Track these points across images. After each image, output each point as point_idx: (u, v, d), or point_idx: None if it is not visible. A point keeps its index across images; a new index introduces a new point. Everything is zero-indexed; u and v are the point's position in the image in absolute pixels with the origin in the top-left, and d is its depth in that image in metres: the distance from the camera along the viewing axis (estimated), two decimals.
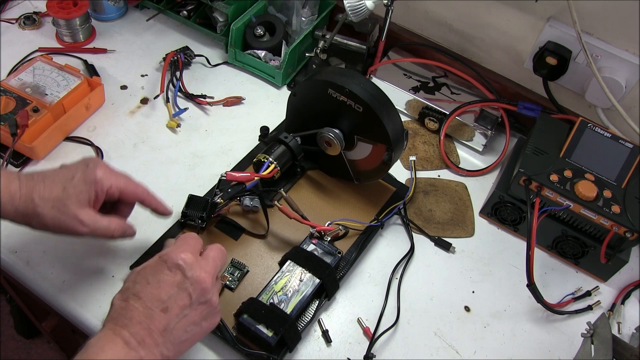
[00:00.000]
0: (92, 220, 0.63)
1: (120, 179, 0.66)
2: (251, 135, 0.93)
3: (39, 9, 1.08)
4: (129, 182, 0.67)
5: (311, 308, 0.72)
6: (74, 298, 0.72)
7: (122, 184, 0.66)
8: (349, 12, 0.88)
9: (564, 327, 0.78)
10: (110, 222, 0.65)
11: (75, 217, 0.62)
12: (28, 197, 0.61)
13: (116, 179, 0.65)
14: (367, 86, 0.74)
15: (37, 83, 0.89)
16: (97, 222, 0.63)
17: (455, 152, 0.97)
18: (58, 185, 0.62)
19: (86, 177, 0.63)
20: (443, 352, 0.74)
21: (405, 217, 0.85)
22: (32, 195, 0.61)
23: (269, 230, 0.79)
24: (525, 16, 0.93)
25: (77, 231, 0.63)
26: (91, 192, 0.63)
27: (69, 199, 0.61)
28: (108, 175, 0.64)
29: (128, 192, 0.67)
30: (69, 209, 0.61)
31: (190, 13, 1.07)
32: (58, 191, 0.61)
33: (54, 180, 0.62)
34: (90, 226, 0.63)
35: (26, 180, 0.62)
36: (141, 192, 0.68)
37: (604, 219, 0.76)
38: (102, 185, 0.63)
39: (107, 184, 0.64)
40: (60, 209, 0.61)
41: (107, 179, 0.64)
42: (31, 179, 0.62)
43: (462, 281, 0.81)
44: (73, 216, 0.62)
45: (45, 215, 0.61)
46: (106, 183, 0.64)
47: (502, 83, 1.01)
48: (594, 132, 0.82)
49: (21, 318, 1.52)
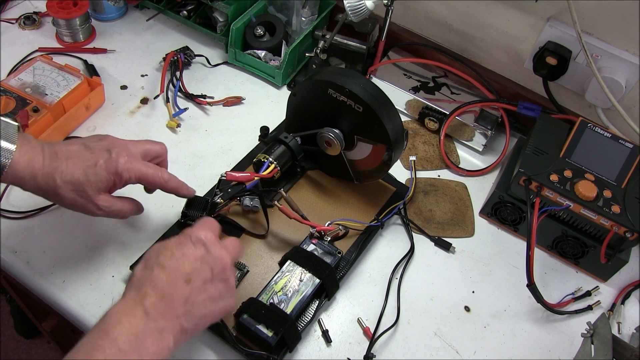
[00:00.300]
0: (107, 204, 0.66)
1: (140, 168, 0.67)
2: (251, 135, 0.93)
3: (39, 9, 1.08)
4: (147, 170, 0.68)
5: (311, 308, 0.72)
6: (74, 298, 0.72)
7: (141, 172, 0.67)
8: (349, 12, 0.88)
9: (564, 327, 0.78)
10: (124, 205, 0.69)
11: (92, 202, 0.65)
12: (50, 176, 0.62)
13: (136, 169, 0.67)
14: (367, 86, 0.74)
15: (37, 83, 0.89)
16: (112, 206, 0.67)
17: (455, 152, 0.97)
18: (80, 169, 0.63)
19: (108, 167, 0.65)
20: (443, 352, 0.74)
21: (405, 217, 0.85)
22: (54, 175, 0.62)
23: (269, 230, 0.79)
24: (525, 16, 0.93)
25: (92, 213, 0.66)
26: (110, 181, 0.65)
27: (88, 185, 0.64)
28: (129, 165, 0.66)
29: (146, 180, 0.69)
30: (87, 194, 0.64)
31: (190, 13, 1.07)
32: (79, 176, 0.63)
33: (76, 163, 0.63)
34: (105, 210, 0.66)
35: (50, 158, 0.62)
36: (159, 180, 0.70)
37: (604, 219, 0.76)
38: (121, 177, 0.66)
39: (127, 175, 0.66)
40: (79, 192, 0.64)
41: (127, 170, 0.66)
42: (55, 157, 0.63)
43: (462, 281, 0.81)
44: (90, 200, 0.64)
45: (65, 196, 0.63)
46: (125, 175, 0.66)
47: (502, 83, 1.01)
48: (594, 132, 0.82)
49: (21, 318, 1.52)
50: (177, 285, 0.55)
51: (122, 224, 0.79)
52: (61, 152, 0.64)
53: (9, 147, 0.60)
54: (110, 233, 0.78)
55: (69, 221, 0.79)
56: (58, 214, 0.80)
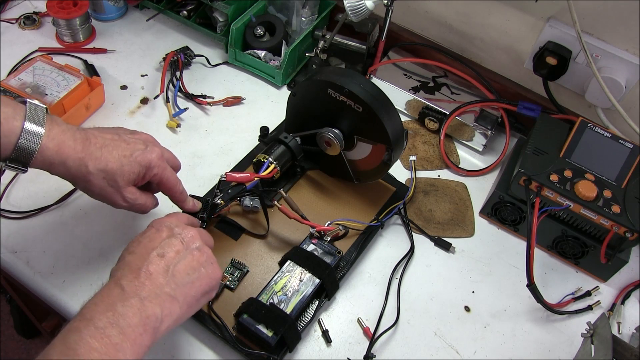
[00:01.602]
0: (133, 197, 0.66)
1: (167, 169, 0.68)
2: (251, 135, 0.93)
3: (39, 9, 1.08)
4: (171, 175, 0.69)
5: (311, 308, 0.72)
6: (74, 298, 0.72)
7: (166, 175, 0.68)
8: (349, 12, 0.88)
9: (564, 327, 0.78)
10: (147, 201, 0.69)
11: (120, 192, 0.65)
12: (82, 162, 0.61)
13: (163, 170, 0.68)
14: (367, 86, 0.74)
15: (37, 83, 0.89)
16: (137, 199, 0.67)
17: (455, 152, 0.97)
18: (115, 158, 0.63)
19: (143, 159, 0.65)
20: (443, 352, 0.74)
21: (405, 217, 0.85)
22: (86, 162, 0.62)
23: (269, 230, 0.79)
24: (525, 16, 0.93)
25: (117, 204, 0.66)
26: (140, 174, 0.66)
27: (121, 175, 0.64)
28: (160, 162, 0.67)
29: (166, 184, 0.69)
30: (117, 184, 0.64)
31: (190, 13, 1.07)
32: (113, 165, 0.63)
33: (111, 152, 0.63)
34: (129, 203, 0.66)
35: (82, 144, 0.62)
36: (176, 189, 0.70)
37: (604, 219, 0.76)
38: (150, 172, 0.66)
39: (155, 171, 0.67)
40: (110, 181, 0.64)
41: (157, 166, 0.67)
42: (88, 143, 0.62)
43: (462, 281, 0.81)
44: (119, 191, 0.65)
45: (95, 183, 0.63)
46: (154, 170, 0.67)
47: (502, 83, 1.01)
48: (594, 132, 0.82)
49: (21, 318, 1.52)
50: (151, 259, 0.56)
51: (122, 224, 0.79)
52: (95, 138, 0.63)
53: (38, 130, 0.58)
54: (110, 233, 0.78)
55: (69, 221, 0.79)
56: (58, 214, 0.80)
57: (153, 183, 0.68)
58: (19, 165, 0.59)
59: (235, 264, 0.75)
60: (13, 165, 0.59)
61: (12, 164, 0.59)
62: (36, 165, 0.60)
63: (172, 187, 0.69)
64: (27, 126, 0.58)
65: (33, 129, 0.58)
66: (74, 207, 0.81)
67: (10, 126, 0.58)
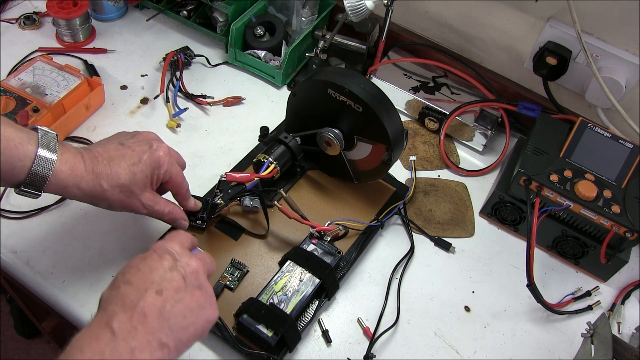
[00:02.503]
0: (152, 202, 0.67)
1: (175, 167, 0.68)
2: (251, 135, 0.93)
3: (39, 9, 1.08)
4: (179, 172, 0.69)
5: (311, 308, 0.72)
6: (74, 298, 0.72)
7: (174, 173, 0.68)
8: (349, 12, 0.88)
9: (564, 327, 0.78)
10: (165, 207, 0.69)
11: (139, 200, 0.65)
12: (96, 182, 0.62)
13: (172, 165, 0.67)
14: (367, 86, 0.74)
15: (37, 83, 0.89)
16: (156, 205, 0.67)
17: (455, 152, 0.97)
18: (125, 170, 0.63)
19: (151, 161, 0.65)
20: (443, 352, 0.74)
21: (405, 217, 0.85)
22: (100, 181, 0.62)
23: (269, 230, 0.79)
24: (525, 16, 0.93)
25: (138, 211, 0.66)
26: (153, 175, 0.66)
27: (135, 184, 0.64)
28: (168, 158, 0.67)
29: (174, 182, 0.69)
30: (134, 193, 0.64)
31: (190, 13, 1.07)
32: (126, 178, 0.63)
33: (119, 164, 0.63)
34: (149, 209, 0.67)
35: (91, 164, 0.62)
36: (183, 187, 0.70)
37: (604, 219, 0.76)
38: (161, 170, 0.66)
39: (165, 168, 0.66)
40: (127, 193, 0.64)
41: (166, 162, 0.66)
42: (96, 161, 0.62)
43: (462, 281, 0.81)
44: (137, 199, 0.65)
45: (113, 199, 0.64)
46: (164, 167, 0.66)
47: (502, 83, 1.01)
48: (594, 132, 0.82)
49: (21, 318, 1.52)
50: (148, 298, 0.51)
51: (122, 224, 0.79)
52: (100, 155, 0.63)
53: (50, 156, 0.59)
54: (110, 233, 0.78)
55: (69, 221, 0.79)
56: (58, 214, 0.80)
57: (163, 181, 0.68)
58: (33, 190, 0.59)
59: (235, 264, 0.75)
60: (27, 190, 0.59)
61: (26, 188, 0.59)
62: (50, 189, 0.60)
63: (180, 183, 0.70)
64: (40, 152, 0.58)
65: (46, 155, 0.59)
66: (74, 207, 0.81)
67: (24, 150, 0.58)
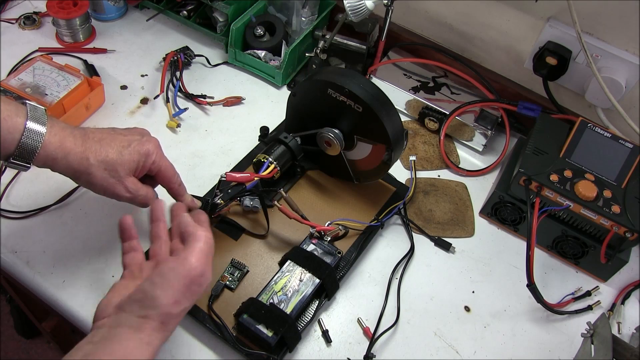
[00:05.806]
0: (135, 188, 0.67)
1: (164, 160, 0.70)
2: (251, 135, 0.93)
3: (39, 9, 1.08)
4: (169, 166, 0.71)
5: (311, 308, 0.72)
6: (74, 298, 0.72)
7: (163, 165, 0.70)
8: (349, 12, 0.88)
9: (564, 327, 0.78)
10: (148, 192, 0.70)
11: (121, 182, 0.66)
12: (83, 155, 0.63)
13: (161, 158, 0.69)
14: (367, 86, 0.74)
15: (37, 83, 0.89)
16: (139, 190, 0.68)
17: (455, 152, 0.97)
18: (114, 149, 0.65)
19: (140, 148, 0.67)
20: (443, 352, 0.74)
21: (405, 217, 0.85)
22: (87, 155, 0.63)
23: (269, 231, 0.79)
24: (525, 16, 0.93)
25: (120, 195, 0.67)
26: (140, 162, 0.67)
27: (121, 165, 0.65)
28: (158, 151, 0.69)
29: (164, 173, 0.70)
30: (119, 173, 0.65)
31: (190, 13, 1.07)
32: (113, 156, 0.65)
33: (109, 144, 0.65)
34: (132, 193, 0.67)
35: (81, 139, 0.64)
36: (175, 180, 0.72)
37: (604, 219, 0.76)
38: (149, 159, 0.68)
39: (153, 158, 0.68)
40: (111, 172, 0.65)
41: (155, 154, 0.68)
42: (86, 138, 0.64)
43: (462, 281, 0.81)
44: (120, 181, 0.66)
45: (97, 175, 0.64)
46: (152, 157, 0.68)
47: (502, 83, 1.01)
48: (594, 132, 0.82)
49: (21, 318, 1.53)
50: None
51: None
52: (92, 134, 0.65)
53: (40, 129, 0.61)
54: (110, 233, 0.78)
55: (69, 221, 0.79)
56: (58, 214, 0.80)
57: (152, 173, 0.69)
58: (22, 162, 0.60)
59: (235, 264, 0.75)
60: (16, 162, 0.60)
61: (15, 160, 0.60)
62: (39, 162, 0.61)
63: (170, 176, 0.71)
64: (29, 124, 0.60)
65: (35, 126, 0.60)
66: (74, 207, 0.81)
67: (13, 123, 0.59)
